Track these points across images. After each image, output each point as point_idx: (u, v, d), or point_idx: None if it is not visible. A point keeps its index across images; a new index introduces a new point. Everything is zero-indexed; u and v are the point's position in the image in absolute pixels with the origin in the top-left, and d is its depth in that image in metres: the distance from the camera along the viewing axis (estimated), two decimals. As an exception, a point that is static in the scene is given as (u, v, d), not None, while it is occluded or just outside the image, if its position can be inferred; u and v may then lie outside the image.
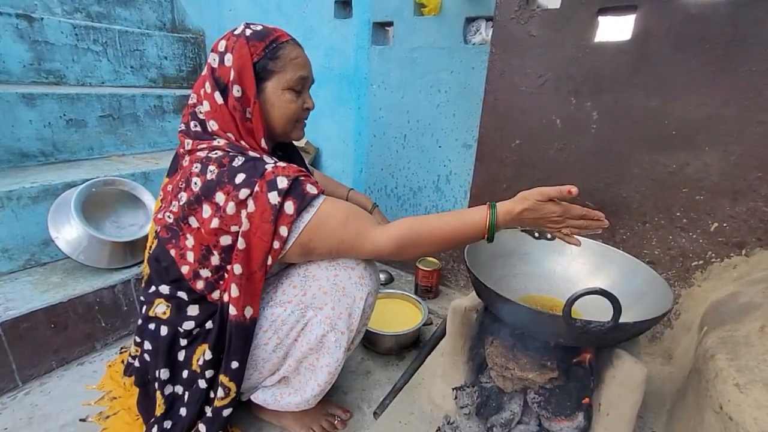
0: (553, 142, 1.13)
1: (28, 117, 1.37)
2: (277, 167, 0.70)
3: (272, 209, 0.67)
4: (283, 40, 0.77)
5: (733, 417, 0.62)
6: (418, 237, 0.73)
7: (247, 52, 0.74)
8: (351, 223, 0.72)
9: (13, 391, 1.00)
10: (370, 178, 1.66)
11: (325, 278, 0.76)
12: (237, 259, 0.70)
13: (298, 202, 0.68)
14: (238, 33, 0.75)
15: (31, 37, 1.54)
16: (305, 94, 0.83)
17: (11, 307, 1.02)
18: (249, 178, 0.68)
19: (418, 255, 0.78)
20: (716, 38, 0.89)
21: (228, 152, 0.73)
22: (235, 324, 0.73)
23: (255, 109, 0.75)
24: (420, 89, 1.42)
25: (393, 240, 0.72)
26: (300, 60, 0.79)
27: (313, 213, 0.70)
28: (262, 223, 0.68)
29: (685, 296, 1.06)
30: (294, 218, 0.68)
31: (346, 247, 0.73)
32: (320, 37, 1.63)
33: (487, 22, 1.27)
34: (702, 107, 0.93)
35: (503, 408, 0.85)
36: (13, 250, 1.18)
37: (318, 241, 0.72)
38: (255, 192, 0.67)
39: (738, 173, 0.93)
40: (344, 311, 0.76)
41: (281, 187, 0.67)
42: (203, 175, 0.70)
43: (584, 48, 1.03)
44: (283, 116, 0.79)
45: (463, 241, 0.76)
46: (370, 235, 0.72)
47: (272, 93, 0.77)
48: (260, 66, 0.75)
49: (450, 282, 1.55)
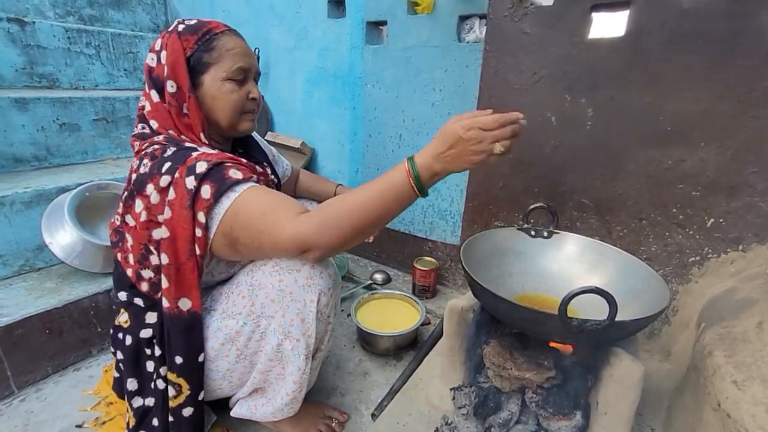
0: (549, 140, 1.13)
1: (20, 122, 1.36)
2: (202, 154, 0.68)
3: (188, 194, 0.65)
4: (218, 30, 0.75)
5: (732, 414, 0.62)
6: (338, 211, 0.66)
7: (179, 47, 0.73)
8: (270, 212, 0.66)
9: (8, 397, 1.00)
10: (366, 178, 1.65)
11: (270, 285, 0.72)
12: (163, 248, 0.68)
13: (216, 186, 0.65)
14: (171, 29, 0.75)
15: (23, 41, 1.54)
16: (249, 84, 0.80)
17: (5, 314, 1.01)
18: (173, 165, 0.67)
19: (349, 234, 0.67)
20: (710, 33, 0.88)
21: (164, 145, 0.72)
22: (170, 317, 0.70)
23: (191, 103, 0.74)
24: (414, 88, 1.41)
25: (312, 220, 0.65)
26: (238, 49, 0.76)
27: (234, 198, 0.66)
28: (181, 209, 0.65)
29: (682, 292, 1.06)
30: (211, 203, 0.65)
31: (266, 239, 0.66)
32: (314, 37, 1.62)
33: (481, 19, 1.26)
34: (697, 103, 0.93)
35: (501, 408, 0.85)
36: (7, 256, 1.17)
37: (239, 230, 0.67)
38: (175, 178, 0.66)
39: (734, 168, 0.92)
40: (295, 317, 0.72)
41: (198, 171, 0.65)
42: (138, 170, 0.70)
43: (578, 45, 1.02)
44: (226, 107, 0.77)
45: (393, 205, 0.67)
46: (289, 223, 0.65)
47: (211, 85, 0.75)
48: (195, 59, 0.74)
49: (448, 281, 1.55)
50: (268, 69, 1.82)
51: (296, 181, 1.17)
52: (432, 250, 1.54)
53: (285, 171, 1.09)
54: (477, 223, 1.34)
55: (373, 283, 1.55)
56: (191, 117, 0.75)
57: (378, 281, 1.56)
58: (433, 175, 0.67)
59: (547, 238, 1.00)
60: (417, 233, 1.59)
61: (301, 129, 1.80)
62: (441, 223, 1.52)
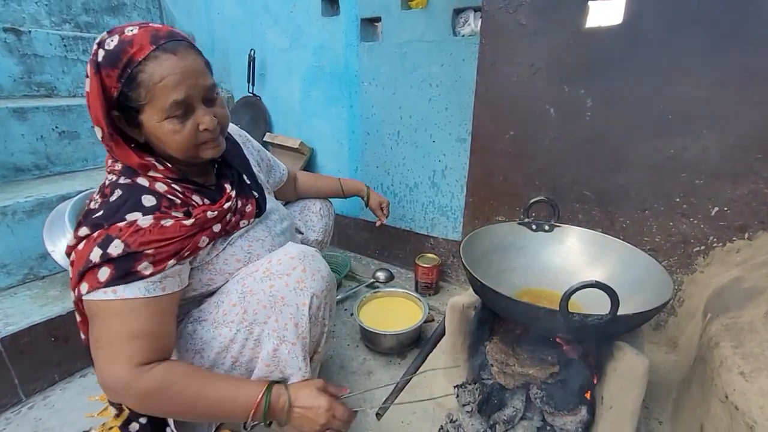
0: (548, 132, 1.11)
1: (20, 131, 1.37)
2: (131, 226, 0.62)
3: (86, 262, 0.60)
4: (140, 57, 0.61)
5: (739, 406, 0.61)
6: (176, 396, 0.63)
7: (96, 85, 0.62)
8: (137, 342, 0.62)
9: (16, 405, 1.01)
10: (366, 177, 1.65)
11: (261, 291, 0.72)
12: (71, 286, 0.65)
13: (115, 276, 0.60)
14: (93, 55, 0.63)
15: (20, 51, 1.54)
16: (197, 114, 0.67)
17: (11, 323, 1.02)
18: (99, 220, 0.63)
19: (161, 413, 0.67)
20: (709, 18, 0.86)
21: (117, 180, 0.68)
22: (86, 348, 0.68)
23: (116, 148, 0.67)
24: (411, 84, 1.40)
25: (145, 385, 0.61)
26: (170, 79, 0.62)
27: (119, 296, 0.61)
28: (75, 269, 0.62)
29: (687, 283, 1.04)
30: (100, 286, 0.60)
31: (105, 355, 0.62)
32: (309, 36, 1.61)
33: (476, 12, 1.25)
34: (697, 90, 0.91)
35: (506, 404, 0.84)
36: (11, 265, 1.18)
37: (98, 324, 0.62)
38: (90, 236, 0.62)
39: (738, 155, 0.90)
40: (289, 321, 0.72)
41: (109, 252, 0.60)
42: (89, 204, 0.67)
43: (575, 34, 1.01)
44: (176, 147, 0.68)
45: (221, 412, 0.67)
46: (120, 368, 0.61)
47: (151, 126, 0.66)
48: (123, 99, 0.63)
49: (450, 278, 1.54)
50: (265, 70, 1.82)
51: (295, 183, 1.16)
52: (434, 247, 1.54)
53: (281, 177, 1.08)
54: (478, 219, 1.33)
55: (375, 282, 1.54)
56: (122, 160, 0.68)
57: (380, 279, 1.55)
58: (279, 409, 0.69)
59: (548, 231, 0.99)
60: (418, 230, 1.58)
61: (300, 129, 1.80)
62: (442, 220, 1.51)
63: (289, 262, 0.73)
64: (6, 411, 0.99)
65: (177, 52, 0.63)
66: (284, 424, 0.70)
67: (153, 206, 0.66)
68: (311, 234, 1.16)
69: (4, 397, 0.99)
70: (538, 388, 0.81)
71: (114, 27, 0.65)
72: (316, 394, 0.71)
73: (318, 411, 0.69)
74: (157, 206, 0.67)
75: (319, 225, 1.17)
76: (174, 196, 0.70)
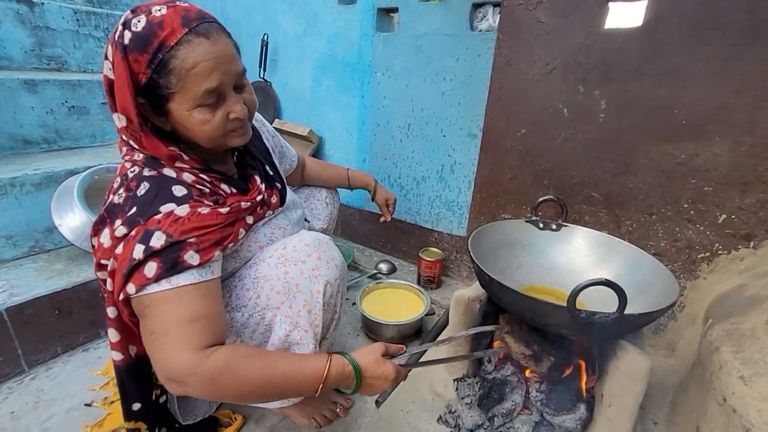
0: (560, 132, 1.12)
1: (30, 104, 1.37)
2: (169, 216, 0.60)
3: (129, 262, 0.58)
4: (172, 41, 0.57)
5: (737, 409, 0.62)
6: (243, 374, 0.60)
7: (125, 71, 0.58)
8: (195, 324, 0.59)
9: (19, 375, 1.02)
10: (373, 168, 1.65)
11: (275, 277, 0.72)
12: (109, 302, 0.64)
13: (163, 268, 0.58)
14: (117, 38, 0.59)
15: (32, 23, 1.53)
16: (228, 102, 0.65)
17: (16, 293, 1.03)
18: (135, 216, 0.60)
19: (228, 397, 0.63)
20: (730, 25, 0.86)
21: (141, 171, 0.65)
22: (124, 367, 0.68)
23: (146, 141, 0.64)
24: (425, 77, 1.40)
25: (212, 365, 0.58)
26: (203, 65, 0.59)
27: (173, 285, 0.59)
28: (117, 273, 0.60)
29: (690, 288, 1.05)
30: (150, 282, 0.58)
31: (164, 345, 0.59)
32: (324, 23, 1.60)
33: (495, 7, 1.24)
34: (713, 96, 0.91)
35: (505, 398, 0.85)
36: (17, 237, 1.18)
37: (151, 316, 0.60)
38: (130, 236, 0.60)
39: (748, 164, 0.91)
40: (302, 308, 0.72)
41: (152, 245, 0.58)
42: (114, 196, 0.65)
43: (594, 35, 1.00)
44: (204, 137, 0.65)
45: (290, 388, 0.64)
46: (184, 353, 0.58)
47: (179, 116, 0.63)
48: (152, 85, 0.60)
49: (453, 272, 1.55)
50: (277, 55, 1.81)
51: (303, 169, 1.16)
52: (438, 241, 1.54)
53: (292, 163, 1.07)
54: (484, 215, 1.33)
55: (378, 273, 1.55)
56: (150, 151, 0.65)
57: (383, 271, 1.56)
58: (346, 377, 0.67)
59: (555, 230, 1.00)
60: (423, 224, 1.58)
61: (309, 117, 1.79)
62: (447, 214, 1.51)
63: (304, 249, 0.73)
64: (9, 381, 1.00)
65: (210, 36, 0.60)
66: (354, 391, 0.69)
67: (185, 195, 0.64)
68: (316, 222, 1.16)
69: (7, 367, 1.00)
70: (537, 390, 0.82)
71: (138, 5, 0.61)
72: (382, 361, 0.69)
73: (386, 376, 0.68)
74: (189, 195, 0.65)
75: (324, 213, 1.17)
76: (203, 186, 0.68)
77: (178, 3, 0.62)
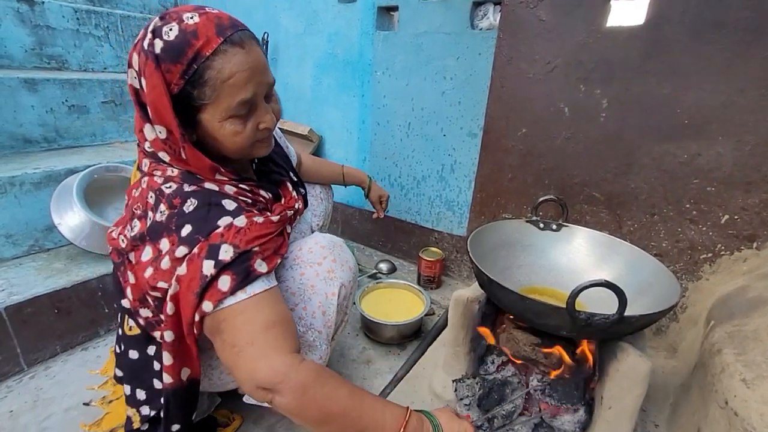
0: (561, 131, 1.11)
1: (30, 102, 1.37)
2: (231, 228, 0.59)
3: (201, 280, 0.56)
4: (208, 52, 0.56)
5: (739, 412, 0.61)
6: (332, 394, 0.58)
7: (160, 82, 0.56)
8: (275, 330, 0.59)
9: (18, 374, 1.02)
10: (374, 167, 1.64)
11: (291, 279, 0.72)
12: (167, 325, 0.61)
13: (238, 280, 0.57)
14: (146, 47, 0.57)
15: (33, 22, 1.53)
16: (259, 112, 0.64)
17: (15, 292, 1.03)
18: (193, 234, 0.58)
19: (311, 418, 0.59)
20: (734, 23, 0.85)
21: (181, 187, 0.62)
22: (171, 391, 0.66)
23: (188, 152, 0.62)
24: (425, 76, 1.39)
25: (304, 374, 0.57)
26: (239, 76, 0.58)
27: (249, 295, 0.58)
28: (188, 292, 0.57)
29: (692, 289, 1.04)
30: (226, 295, 0.57)
31: (250, 354, 0.57)
32: (324, 22, 1.60)
33: (495, 6, 1.23)
34: (716, 95, 0.90)
35: (505, 400, 0.85)
36: (16, 236, 1.18)
37: (230, 330, 0.58)
38: (192, 254, 0.57)
39: (752, 164, 0.90)
40: (317, 310, 0.72)
41: (221, 258, 0.57)
42: (154, 213, 0.62)
43: (595, 33, 0.99)
44: (233, 148, 0.65)
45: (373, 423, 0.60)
46: (281, 357, 0.57)
47: (210, 127, 0.62)
48: (184, 96, 0.58)
49: (453, 272, 1.54)
50: (277, 54, 1.80)
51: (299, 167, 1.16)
52: (438, 241, 1.54)
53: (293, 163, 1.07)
54: (485, 215, 1.32)
55: (378, 273, 1.55)
56: (192, 162, 0.63)
57: (383, 270, 1.56)
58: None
59: (555, 231, 0.99)
60: (423, 223, 1.58)
61: (309, 116, 1.79)
62: (448, 214, 1.50)
63: (320, 251, 0.74)
64: (8, 379, 1.00)
65: (245, 45, 0.59)
66: None
67: (237, 207, 0.63)
68: (313, 218, 1.16)
69: (5, 366, 1.00)
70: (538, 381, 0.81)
71: (166, 12, 0.60)
72: (457, 420, 0.69)
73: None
74: (240, 207, 0.63)
75: (320, 209, 1.17)
76: (244, 197, 0.67)
77: (208, 9, 0.60)
